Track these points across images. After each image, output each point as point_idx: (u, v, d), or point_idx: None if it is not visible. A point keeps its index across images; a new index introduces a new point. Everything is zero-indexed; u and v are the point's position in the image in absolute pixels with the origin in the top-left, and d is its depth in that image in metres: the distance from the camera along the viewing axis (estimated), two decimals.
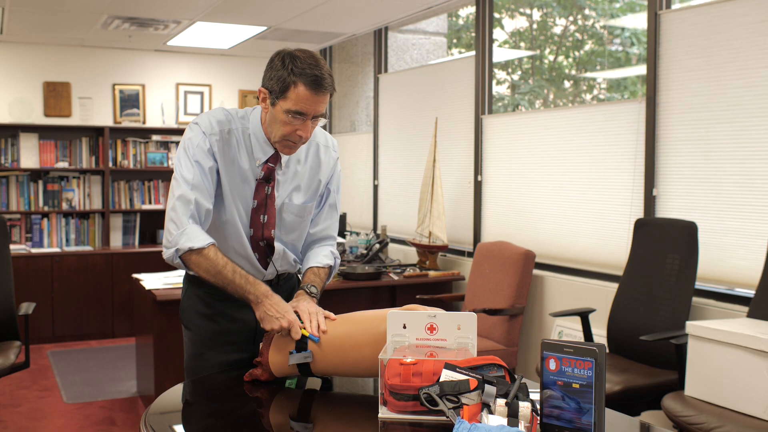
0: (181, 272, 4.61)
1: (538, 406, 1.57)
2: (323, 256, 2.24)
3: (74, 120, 6.59)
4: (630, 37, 6.86)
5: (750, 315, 2.99)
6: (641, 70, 5.62)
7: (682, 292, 3.31)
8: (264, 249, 2.17)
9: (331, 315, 1.99)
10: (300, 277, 2.40)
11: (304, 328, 1.91)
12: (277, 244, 2.18)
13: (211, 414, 1.87)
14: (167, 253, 2.02)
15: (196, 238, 1.98)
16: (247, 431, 1.76)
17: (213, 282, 2.00)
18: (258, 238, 2.15)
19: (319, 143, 2.21)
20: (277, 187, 2.14)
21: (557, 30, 7.98)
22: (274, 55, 2.01)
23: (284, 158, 2.13)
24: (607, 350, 3.52)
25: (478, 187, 4.93)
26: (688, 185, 3.53)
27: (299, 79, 1.94)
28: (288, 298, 2.25)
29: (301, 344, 1.91)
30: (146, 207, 6.71)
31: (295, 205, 2.18)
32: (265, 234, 2.15)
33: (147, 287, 4.13)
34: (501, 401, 1.52)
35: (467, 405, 1.54)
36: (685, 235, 3.35)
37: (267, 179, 2.12)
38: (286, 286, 2.30)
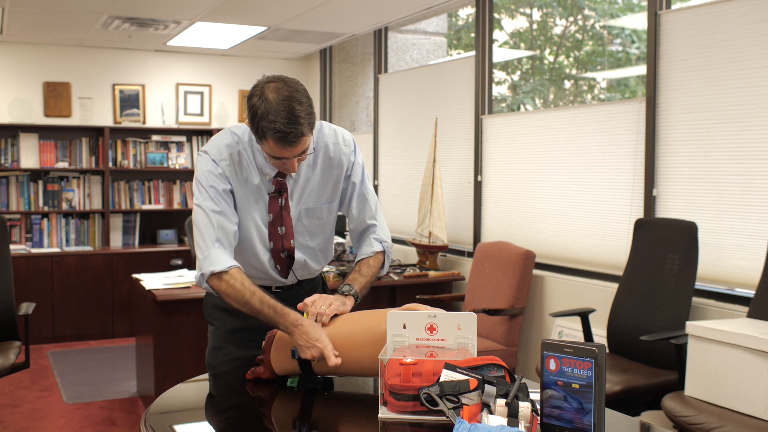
0: (181, 272, 4.62)
1: (538, 406, 1.57)
2: (366, 246, 2.24)
3: (74, 120, 6.59)
4: (630, 35, 6.87)
5: (750, 315, 2.99)
6: (641, 70, 5.63)
7: (682, 292, 3.31)
8: (285, 260, 2.19)
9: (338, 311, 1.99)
10: (323, 277, 2.43)
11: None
12: (298, 255, 2.19)
13: (212, 412, 1.87)
14: (196, 278, 2.08)
15: (219, 261, 2.00)
16: (248, 430, 1.76)
17: (243, 311, 2.00)
18: (279, 250, 2.17)
19: (328, 143, 2.18)
20: (291, 196, 2.15)
21: (557, 30, 7.98)
22: (251, 92, 1.96)
23: None
24: (607, 350, 3.52)
25: (478, 187, 4.93)
26: (688, 185, 3.53)
27: (268, 134, 1.93)
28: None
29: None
30: (146, 207, 6.71)
31: (313, 209, 2.19)
32: (285, 245, 2.17)
33: (147, 287, 4.13)
34: (501, 401, 1.52)
35: (467, 405, 1.54)
36: (685, 235, 3.35)
37: (279, 192, 2.13)
38: (309, 287, 2.31)
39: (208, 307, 2.29)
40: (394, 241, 5.76)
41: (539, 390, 1.58)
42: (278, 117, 1.90)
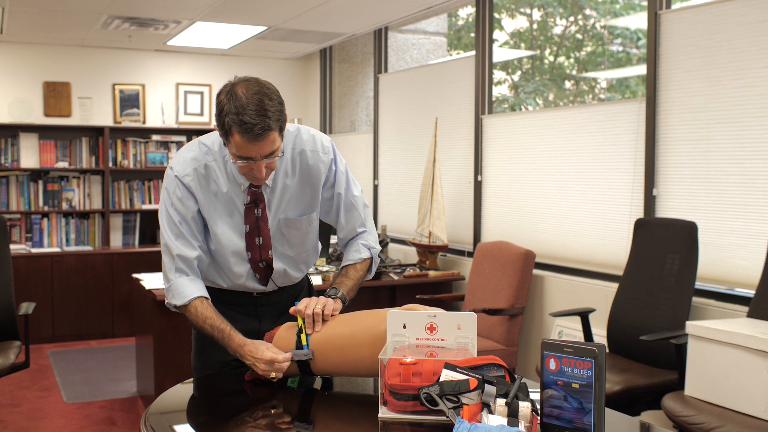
0: None
1: (538, 406, 1.57)
2: (353, 252, 2.21)
3: (74, 120, 6.59)
4: (635, 33, 6.86)
5: (750, 315, 2.99)
6: (642, 70, 5.63)
7: (682, 292, 3.31)
8: (264, 269, 2.16)
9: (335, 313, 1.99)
10: (309, 281, 2.41)
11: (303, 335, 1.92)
12: (277, 265, 2.16)
13: (211, 413, 1.87)
14: (166, 302, 2.12)
15: (180, 294, 2.04)
16: (248, 430, 1.76)
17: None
18: (257, 260, 2.14)
19: (306, 149, 2.10)
20: (269, 206, 2.10)
21: (557, 30, 7.98)
22: (221, 91, 1.90)
23: (269, 177, 2.06)
24: (607, 350, 3.52)
25: (478, 187, 4.93)
26: (688, 185, 3.53)
27: (233, 127, 1.85)
28: (292, 303, 2.21)
29: (301, 344, 1.91)
30: (146, 207, 6.71)
31: (292, 219, 2.14)
32: (263, 256, 2.14)
33: (147, 287, 4.13)
34: (501, 401, 1.52)
35: (467, 405, 1.54)
36: (685, 235, 3.35)
37: (254, 202, 2.08)
38: (292, 291, 2.29)
39: None
40: (395, 241, 5.78)
41: (539, 390, 1.58)
42: (245, 109, 1.84)
